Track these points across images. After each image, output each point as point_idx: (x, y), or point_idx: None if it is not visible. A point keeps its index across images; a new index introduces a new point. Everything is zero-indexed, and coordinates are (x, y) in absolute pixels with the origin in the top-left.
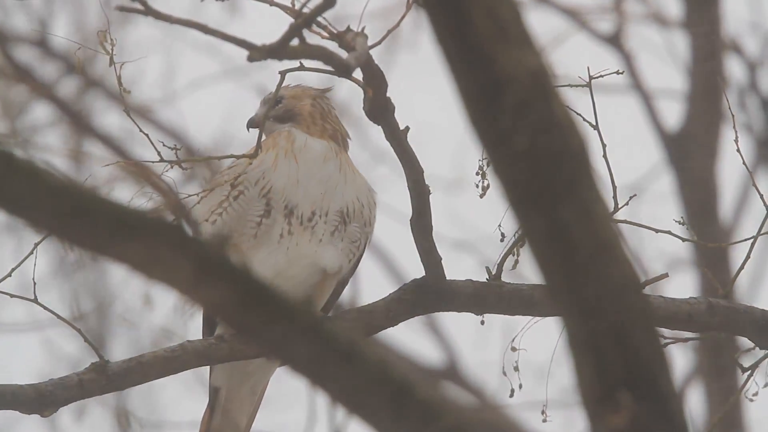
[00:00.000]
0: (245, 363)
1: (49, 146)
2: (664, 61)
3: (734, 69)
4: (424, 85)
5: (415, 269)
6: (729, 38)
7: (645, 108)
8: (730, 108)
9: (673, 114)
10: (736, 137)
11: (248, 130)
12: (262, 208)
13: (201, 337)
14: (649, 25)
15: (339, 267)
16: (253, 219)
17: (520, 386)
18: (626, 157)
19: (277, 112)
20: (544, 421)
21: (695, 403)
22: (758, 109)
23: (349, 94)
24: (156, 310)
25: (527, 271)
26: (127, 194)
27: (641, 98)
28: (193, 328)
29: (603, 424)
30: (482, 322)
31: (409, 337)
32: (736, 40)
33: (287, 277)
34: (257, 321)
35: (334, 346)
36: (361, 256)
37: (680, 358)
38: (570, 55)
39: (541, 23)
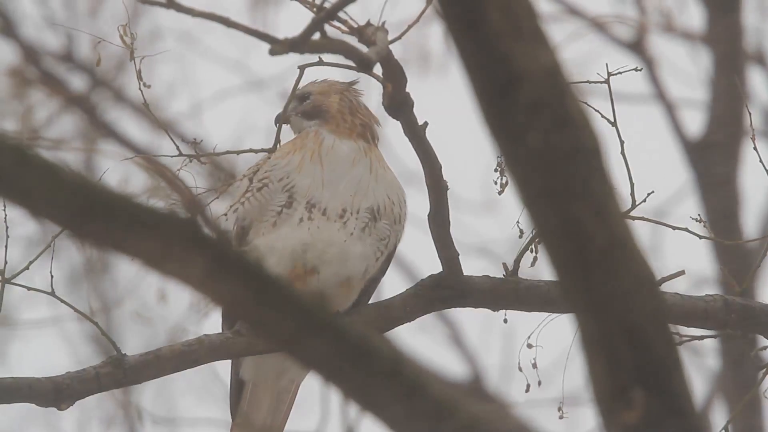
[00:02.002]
0: (279, 359)
1: (66, 143)
2: (686, 70)
3: (756, 79)
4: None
5: (430, 271)
6: (751, 48)
7: (667, 116)
8: (751, 120)
9: (695, 122)
10: (754, 143)
11: (276, 125)
12: (284, 200)
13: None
14: (672, 34)
15: (364, 270)
16: (274, 209)
17: (539, 383)
18: (647, 165)
19: (305, 108)
20: (561, 417)
21: (715, 402)
22: None
23: (367, 90)
24: (170, 307)
25: (545, 268)
26: (142, 190)
27: (663, 106)
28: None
29: (616, 422)
30: (505, 321)
31: (432, 351)
32: (758, 50)
33: (317, 252)
34: (270, 317)
35: (347, 343)
36: (391, 254)
37: (699, 356)
38: (592, 62)
39: (564, 32)
